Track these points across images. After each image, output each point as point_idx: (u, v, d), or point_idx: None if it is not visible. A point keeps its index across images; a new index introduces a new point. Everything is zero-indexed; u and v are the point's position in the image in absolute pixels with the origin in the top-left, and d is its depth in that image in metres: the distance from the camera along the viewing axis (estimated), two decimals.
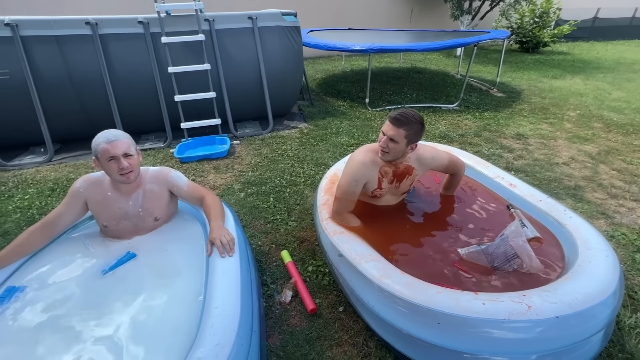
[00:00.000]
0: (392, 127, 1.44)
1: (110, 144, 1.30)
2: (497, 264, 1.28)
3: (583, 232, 1.38)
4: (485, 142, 3.27)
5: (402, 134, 1.44)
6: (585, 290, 1.11)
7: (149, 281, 1.30)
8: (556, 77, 5.82)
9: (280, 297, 1.58)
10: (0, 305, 1.19)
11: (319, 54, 7.56)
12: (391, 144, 1.47)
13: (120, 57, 3.07)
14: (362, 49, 3.89)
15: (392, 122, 1.44)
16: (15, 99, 2.88)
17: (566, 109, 4.22)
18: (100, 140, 1.30)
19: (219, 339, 0.96)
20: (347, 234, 1.52)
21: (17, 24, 2.77)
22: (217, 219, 1.43)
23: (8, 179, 2.74)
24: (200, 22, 3.14)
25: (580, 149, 3.14)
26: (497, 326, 1.03)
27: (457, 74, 6.01)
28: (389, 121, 1.46)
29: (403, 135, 1.45)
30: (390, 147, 1.48)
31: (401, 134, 1.44)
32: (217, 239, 1.31)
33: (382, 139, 1.48)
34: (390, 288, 1.18)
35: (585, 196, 2.37)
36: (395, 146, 1.47)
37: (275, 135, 3.48)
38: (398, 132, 1.44)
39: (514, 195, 1.74)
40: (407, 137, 1.46)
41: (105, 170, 1.36)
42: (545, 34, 8.02)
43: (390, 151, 1.49)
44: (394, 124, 1.44)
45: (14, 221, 2.19)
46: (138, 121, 3.37)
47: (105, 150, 1.30)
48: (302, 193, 2.46)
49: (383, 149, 1.50)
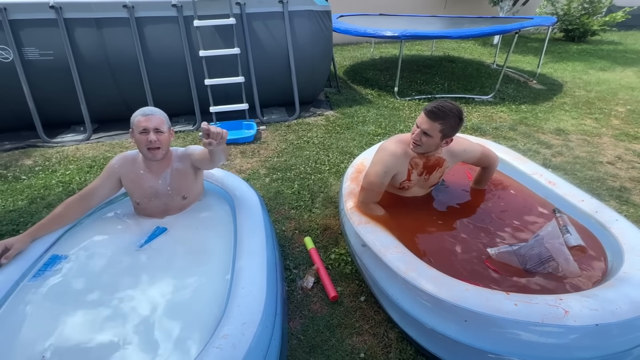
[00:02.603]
0: (427, 120, 1.37)
1: (145, 117, 1.38)
2: (530, 266, 1.22)
3: (630, 237, 1.28)
4: (521, 137, 3.09)
5: (437, 128, 1.37)
6: (630, 298, 1.04)
7: (180, 256, 1.35)
8: (604, 69, 5.36)
9: (302, 282, 1.60)
10: (45, 271, 1.29)
11: (348, 41, 7.39)
12: (424, 138, 1.40)
13: (155, 40, 3.13)
14: (394, 35, 3.74)
15: (428, 115, 1.37)
16: (58, 79, 3.03)
17: (614, 103, 3.90)
18: (138, 113, 1.40)
19: (245, 318, 0.99)
20: (372, 224, 1.50)
21: (61, 6, 2.88)
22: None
23: (52, 155, 2.91)
24: (231, 6, 3.14)
25: (629, 147, 2.89)
26: (529, 329, 0.98)
27: (493, 64, 5.68)
28: (424, 113, 1.38)
29: (438, 129, 1.37)
30: (423, 140, 1.41)
31: (436, 128, 1.37)
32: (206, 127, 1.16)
33: (416, 131, 1.42)
34: (416, 282, 1.15)
35: (631, 199, 2.20)
36: (429, 140, 1.40)
37: (301, 122, 3.47)
38: (433, 126, 1.37)
39: (553, 194, 1.64)
40: (442, 131, 1.38)
41: (136, 143, 1.42)
42: (595, 22, 7.36)
43: (423, 145, 1.42)
44: (429, 117, 1.36)
45: (57, 194, 2.34)
46: (169, 104, 3.42)
47: (140, 122, 1.38)
48: (327, 181, 2.45)
49: (415, 142, 1.43)
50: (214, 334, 0.95)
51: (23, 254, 1.28)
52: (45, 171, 2.64)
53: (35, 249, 1.33)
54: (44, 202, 2.26)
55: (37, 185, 2.44)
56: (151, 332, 1.05)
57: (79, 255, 1.38)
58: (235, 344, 0.91)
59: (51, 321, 1.09)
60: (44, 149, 3.01)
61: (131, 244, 1.43)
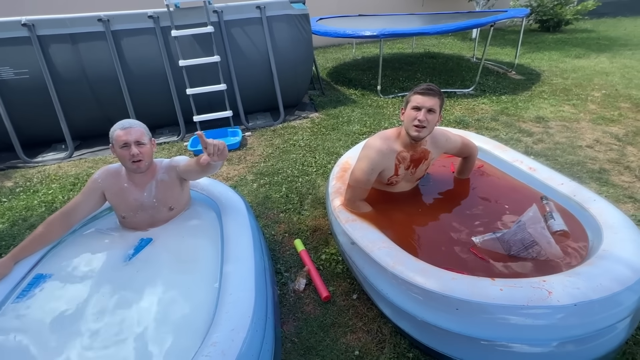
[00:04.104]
0: (429, 97, 1.41)
1: (124, 131, 1.35)
2: (514, 251, 1.24)
3: (608, 215, 1.32)
4: (502, 127, 3.15)
5: (438, 103, 1.43)
6: (611, 275, 1.06)
7: (168, 266, 1.34)
8: (579, 56, 5.52)
9: (294, 285, 1.60)
10: (29, 291, 1.25)
11: (330, 43, 7.44)
12: (430, 116, 1.42)
13: (133, 52, 3.11)
14: (373, 35, 3.79)
15: (428, 93, 1.41)
16: (35, 97, 2.97)
17: (590, 89, 4.01)
18: (116, 127, 1.37)
19: (234, 324, 0.98)
20: (360, 222, 1.51)
21: (34, 23, 2.84)
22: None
23: (33, 175, 2.85)
24: (208, 14, 3.13)
25: (606, 130, 2.98)
26: (516, 312, 1.00)
27: (473, 58, 5.79)
28: (423, 94, 1.42)
29: (439, 104, 1.44)
30: (429, 119, 1.42)
31: (437, 103, 1.43)
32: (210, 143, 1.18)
33: (419, 114, 1.41)
34: (404, 275, 1.16)
35: (610, 179, 2.26)
36: (434, 117, 1.44)
37: (287, 126, 3.47)
38: (435, 102, 1.42)
39: (533, 180, 1.67)
40: (440, 106, 1.45)
41: (118, 158, 1.40)
42: (568, 11, 7.58)
43: (429, 124, 1.43)
44: (430, 95, 1.41)
45: (40, 215, 2.29)
46: (152, 115, 3.41)
47: (119, 136, 1.35)
48: (314, 182, 2.46)
49: (421, 124, 1.42)
50: (203, 342, 0.94)
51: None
52: (26, 192, 2.58)
53: (18, 269, 1.30)
54: (26, 223, 2.21)
55: (19, 207, 2.38)
56: (141, 345, 1.03)
57: (63, 273, 1.35)
58: (224, 351, 0.91)
59: (38, 342, 1.06)
60: (25, 170, 2.95)
61: (117, 258, 1.40)
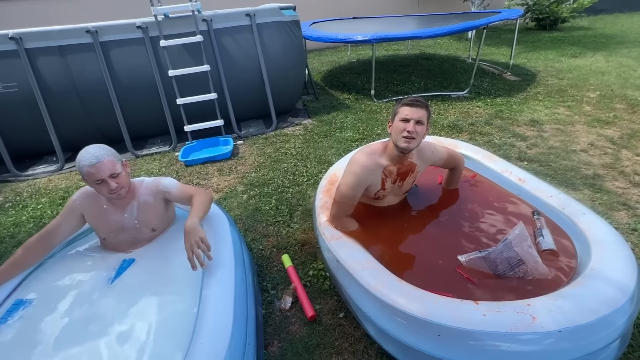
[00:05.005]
0: (417, 109, 1.41)
1: (94, 167, 1.25)
2: (501, 271, 1.21)
3: (597, 230, 1.29)
4: (496, 131, 3.12)
5: (426, 114, 1.43)
6: (598, 297, 1.03)
7: (149, 290, 1.31)
8: (575, 55, 5.47)
9: (280, 303, 1.57)
10: (9, 318, 1.23)
11: (325, 45, 7.41)
12: (419, 128, 1.42)
13: (122, 63, 3.08)
14: (365, 39, 3.76)
15: (415, 105, 1.42)
16: (24, 110, 2.95)
17: (586, 90, 3.97)
18: (83, 164, 1.26)
19: (208, 356, 0.95)
20: (345, 239, 1.48)
21: (21, 36, 2.82)
22: (194, 215, 1.34)
23: (23, 189, 2.83)
24: (197, 23, 3.11)
25: (601, 133, 2.94)
26: (499, 339, 0.97)
27: (469, 58, 5.76)
28: (410, 106, 1.42)
29: (426, 116, 1.44)
30: (418, 130, 1.42)
31: (425, 115, 1.43)
32: (189, 249, 1.22)
33: (408, 125, 1.40)
34: (386, 298, 1.13)
35: (604, 185, 2.23)
36: (422, 129, 1.43)
37: (279, 134, 3.45)
38: (423, 113, 1.42)
39: (523, 191, 1.64)
40: (428, 118, 1.45)
41: (94, 190, 1.36)
42: (564, 9, 7.53)
43: (418, 136, 1.43)
44: (418, 107, 1.42)
45: (27, 231, 2.27)
46: (143, 126, 3.40)
47: (90, 174, 1.26)
48: (305, 193, 2.43)
49: (410, 135, 1.40)
50: None
51: None
52: (15, 207, 2.56)
53: None
54: (13, 240, 2.19)
55: (7, 224, 2.36)
56: None
57: (44, 297, 1.32)
58: None
59: None
60: (15, 184, 2.93)
61: (98, 281, 1.38)
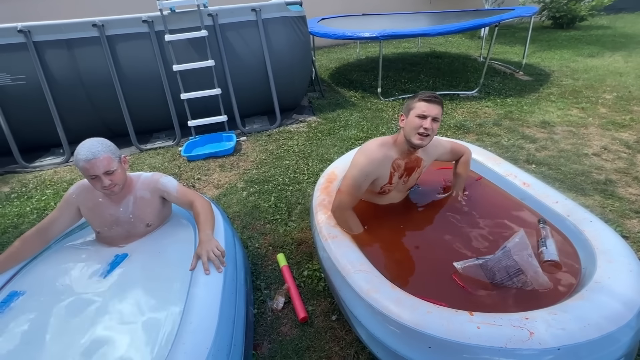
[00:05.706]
0: (435, 106, 1.38)
1: (89, 163, 1.24)
2: (498, 280, 1.15)
3: (604, 240, 1.22)
4: (505, 132, 3.02)
5: (441, 111, 1.41)
6: (602, 312, 0.97)
7: (139, 287, 1.30)
8: (593, 55, 5.28)
9: (272, 303, 1.55)
10: (3, 309, 1.24)
11: (335, 42, 7.33)
12: (435, 125, 1.39)
13: (128, 57, 3.10)
14: (372, 37, 3.68)
15: (432, 102, 1.39)
16: (32, 103, 3.00)
17: (602, 91, 3.82)
18: (79, 158, 1.25)
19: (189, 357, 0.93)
20: (341, 239, 1.44)
21: (30, 29, 2.85)
22: (206, 228, 1.37)
23: (29, 180, 2.88)
24: (202, 18, 3.09)
25: (615, 136, 2.82)
26: (493, 354, 0.92)
27: (480, 57, 5.61)
28: (428, 102, 1.38)
29: (441, 113, 1.41)
30: (434, 127, 1.39)
31: (441, 112, 1.41)
32: (204, 254, 1.26)
33: (425, 122, 1.37)
34: (377, 304, 1.10)
35: (616, 192, 2.13)
36: (437, 126, 1.41)
37: (283, 130, 3.42)
38: (439, 110, 1.40)
39: (527, 196, 1.57)
40: (442, 114, 1.43)
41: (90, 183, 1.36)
42: (582, 7, 7.26)
43: (432, 133, 1.40)
44: (435, 103, 1.39)
45: (31, 222, 2.30)
46: (148, 120, 3.42)
47: (85, 169, 1.26)
48: (304, 191, 2.40)
49: (426, 132, 1.38)
50: None
51: None
52: (20, 198, 2.60)
53: None
54: (17, 231, 2.22)
55: (11, 214, 2.40)
56: None
57: (37, 289, 1.33)
58: None
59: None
60: (22, 175, 2.98)
61: (91, 275, 1.38)
